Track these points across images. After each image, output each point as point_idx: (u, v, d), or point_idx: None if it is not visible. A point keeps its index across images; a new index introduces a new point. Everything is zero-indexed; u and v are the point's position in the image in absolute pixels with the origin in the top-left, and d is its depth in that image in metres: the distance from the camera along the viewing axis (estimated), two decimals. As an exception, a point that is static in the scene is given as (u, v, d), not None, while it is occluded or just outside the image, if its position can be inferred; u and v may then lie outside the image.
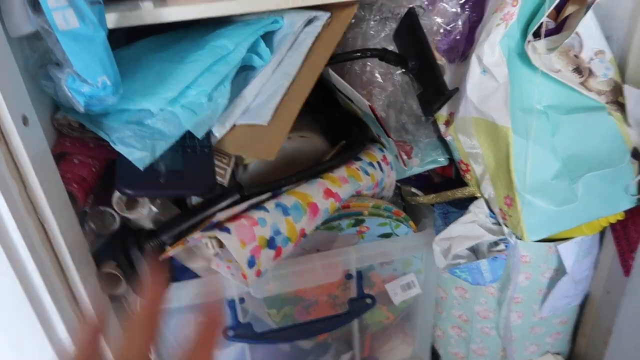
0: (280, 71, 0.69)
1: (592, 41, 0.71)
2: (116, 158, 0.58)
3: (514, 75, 0.65)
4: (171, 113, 0.60)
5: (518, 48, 0.66)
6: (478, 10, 0.75)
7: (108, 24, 0.54)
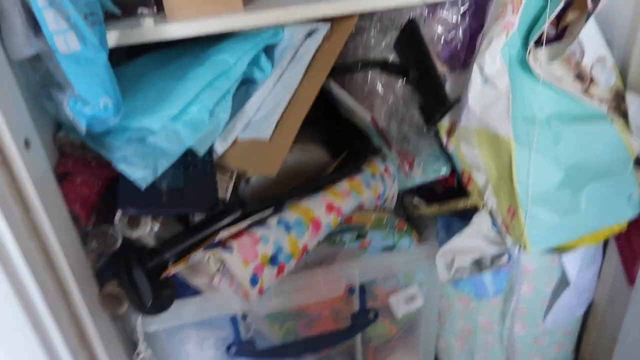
0: (281, 85, 0.69)
1: (593, 47, 0.70)
2: (118, 176, 0.58)
3: (515, 83, 0.64)
4: (173, 130, 0.60)
5: (519, 56, 0.66)
6: (479, 18, 0.74)
7: (109, 42, 0.54)
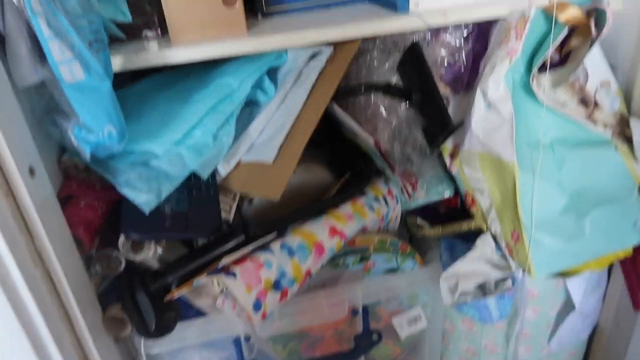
0: (284, 107, 0.69)
1: (597, 72, 0.70)
2: (122, 199, 0.58)
3: (519, 108, 0.64)
4: (177, 154, 0.60)
5: (522, 81, 0.66)
6: (482, 41, 0.75)
7: (114, 67, 0.55)
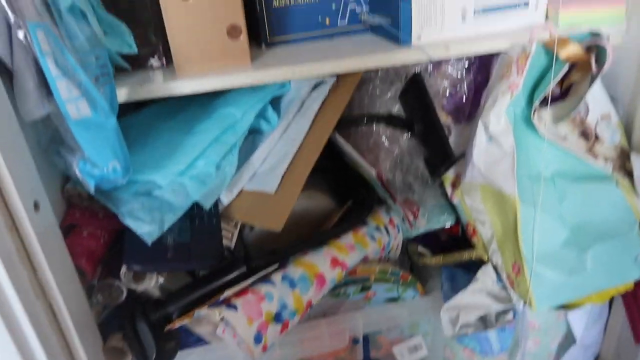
0: (287, 137, 0.69)
1: (598, 105, 0.71)
2: (125, 228, 0.59)
3: (520, 141, 0.65)
4: (180, 184, 0.61)
5: (523, 114, 0.67)
6: (483, 72, 0.75)
7: (119, 98, 0.55)
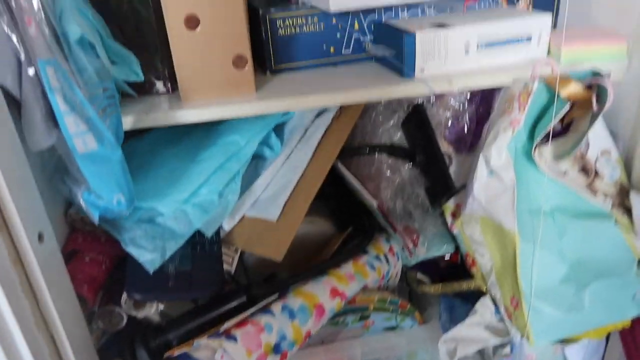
0: (290, 164, 0.70)
1: (598, 140, 0.71)
2: (127, 254, 0.59)
3: (520, 176, 0.65)
4: (182, 212, 0.61)
5: (524, 149, 0.67)
6: (485, 104, 0.76)
7: (124, 125, 0.56)
